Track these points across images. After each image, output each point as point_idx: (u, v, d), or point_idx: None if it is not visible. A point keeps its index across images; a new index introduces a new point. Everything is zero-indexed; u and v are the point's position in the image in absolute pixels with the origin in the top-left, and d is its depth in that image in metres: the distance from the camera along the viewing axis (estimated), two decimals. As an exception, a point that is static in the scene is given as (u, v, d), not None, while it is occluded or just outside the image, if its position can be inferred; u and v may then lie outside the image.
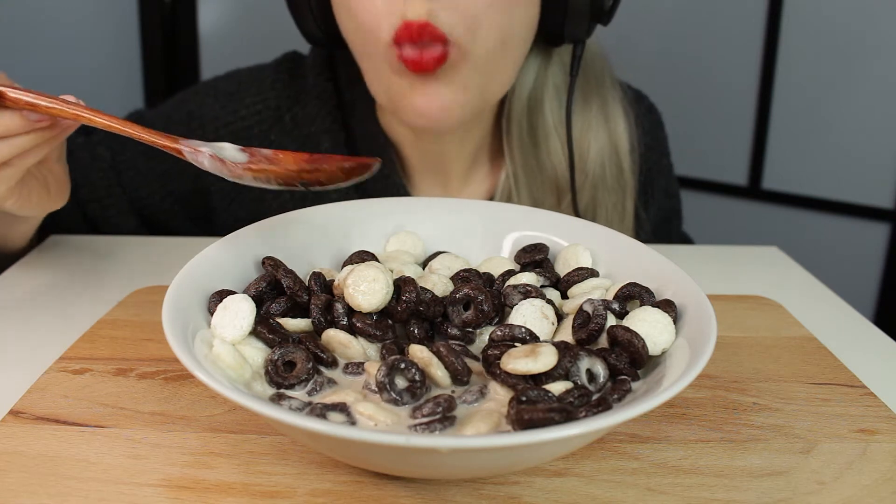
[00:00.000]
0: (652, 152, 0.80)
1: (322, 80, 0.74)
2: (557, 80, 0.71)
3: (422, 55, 0.57)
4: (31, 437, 0.39)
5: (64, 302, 0.57)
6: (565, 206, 0.72)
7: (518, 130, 0.71)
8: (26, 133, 0.46)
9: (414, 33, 0.57)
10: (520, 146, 0.72)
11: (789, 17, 1.68)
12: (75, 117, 0.45)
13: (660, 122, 0.83)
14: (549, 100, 0.71)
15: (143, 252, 0.69)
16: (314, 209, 0.51)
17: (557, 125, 0.71)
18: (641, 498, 0.36)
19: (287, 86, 0.75)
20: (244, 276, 0.45)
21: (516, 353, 0.37)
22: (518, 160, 0.72)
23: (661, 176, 0.82)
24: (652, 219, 0.81)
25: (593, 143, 0.71)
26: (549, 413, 0.32)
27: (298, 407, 0.36)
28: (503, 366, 0.37)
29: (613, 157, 0.72)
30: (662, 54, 1.73)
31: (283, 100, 0.74)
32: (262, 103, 0.74)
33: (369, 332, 0.41)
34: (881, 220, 1.70)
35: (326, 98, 0.73)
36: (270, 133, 0.74)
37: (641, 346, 0.38)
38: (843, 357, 0.50)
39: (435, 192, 0.76)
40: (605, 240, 0.49)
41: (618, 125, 0.72)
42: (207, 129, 0.74)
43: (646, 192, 0.80)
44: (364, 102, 0.73)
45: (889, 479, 0.38)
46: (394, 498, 0.36)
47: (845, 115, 1.68)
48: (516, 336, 0.40)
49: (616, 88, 0.73)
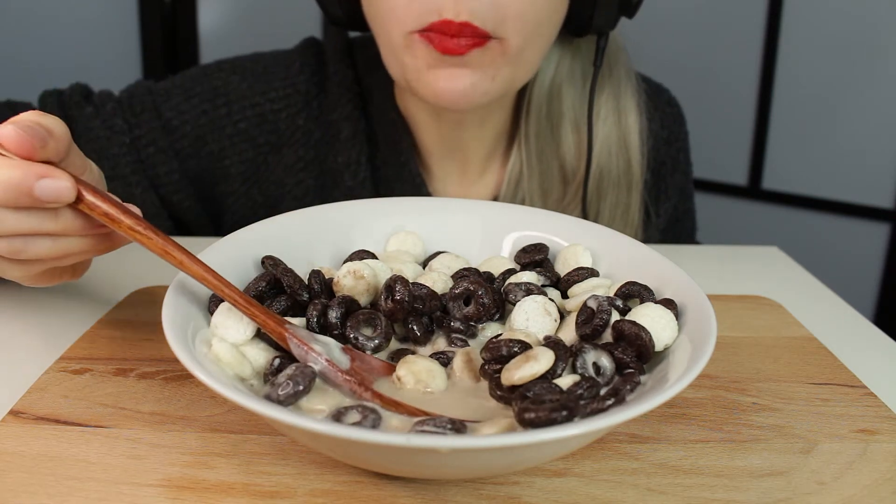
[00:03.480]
0: (669, 147, 0.79)
1: (343, 66, 0.74)
2: (576, 68, 0.71)
3: (455, 41, 0.58)
4: (31, 437, 0.39)
5: (64, 302, 0.57)
6: (571, 195, 0.72)
7: (537, 116, 0.71)
8: (80, 236, 0.41)
9: (453, 29, 0.57)
10: (536, 132, 0.72)
11: (789, 17, 1.68)
12: (163, 253, 0.39)
13: (680, 115, 0.81)
14: (566, 88, 0.71)
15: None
16: (314, 209, 0.51)
17: (572, 113, 0.71)
18: (641, 498, 0.36)
19: (315, 72, 0.75)
20: (244, 276, 0.45)
21: (513, 365, 0.37)
22: (533, 147, 0.72)
23: (678, 172, 0.80)
24: (664, 217, 0.80)
25: (601, 133, 0.71)
26: (553, 413, 0.32)
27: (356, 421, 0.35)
28: (507, 381, 0.37)
29: (622, 150, 0.72)
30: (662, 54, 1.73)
31: (312, 85, 0.74)
32: (291, 87, 0.74)
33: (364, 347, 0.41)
34: (881, 220, 1.70)
35: (348, 85, 0.73)
36: (298, 117, 0.74)
37: (648, 339, 0.38)
38: (843, 357, 0.50)
39: (452, 179, 0.75)
40: (605, 240, 0.49)
41: (629, 117, 0.72)
42: (233, 107, 0.73)
43: (658, 187, 0.79)
44: (382, 89, 0.73)
45: (889, 479, 0.38)
46: (394, 498, 0.36)
47: (845, 115, 1.68)
48: (505, 354, 0.39)
49: (631, 80, 0.73)
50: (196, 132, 0.73)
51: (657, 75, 0.82)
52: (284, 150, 0.74)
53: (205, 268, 0.39)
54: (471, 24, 0.57)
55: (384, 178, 0.73)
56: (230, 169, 0.74)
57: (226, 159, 0.74)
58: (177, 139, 0.73)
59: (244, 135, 0.73)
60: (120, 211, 0.39)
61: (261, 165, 0.74)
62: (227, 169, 0.74)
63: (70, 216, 0.40)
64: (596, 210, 0.72)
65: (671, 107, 0.81)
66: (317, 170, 0.74)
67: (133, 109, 0.72)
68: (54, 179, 0.37)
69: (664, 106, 0.79)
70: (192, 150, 0.73)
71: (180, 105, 0.73)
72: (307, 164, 0.73)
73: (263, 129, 0.73)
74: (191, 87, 0.74)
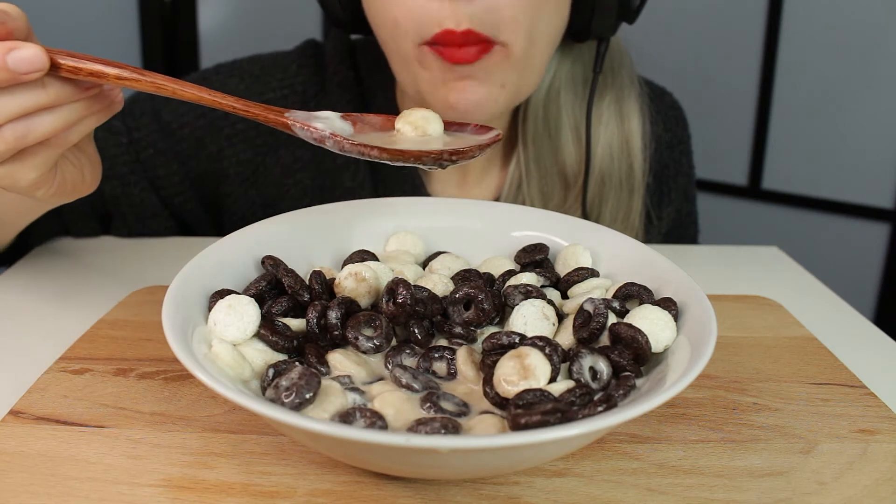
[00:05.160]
0: (672, 150, 0.79)
1: (343, 68, 0.74)
2: (576, 73, 0.72)
3: (463, 50, 0.58)
4: (31, 437, 0.39)
5: (64, 302, 0.57)
6: (572, 200, 0.72)
7: (534, 121, 0.72)
8: (74, 101, 0.41)
9: (458, 39, 0.57)
10: (534, 137, 0.72)
11: (789, 17, 1.68)
12: (155, 88, 0.40)
13: (683, 119, 0.82)
14: (565, 93, 0.71)
15: (143, 252, 0.69)
16: (314, 209, 0.51)
17: (571, 118, 0.72)
18: (641, 498, 0.36)
19: (313, 72, 0.75)
20: (244, 276, 0.45)
21: (509, 375, 0.37)
22: (531, 151, 0.72)
23: (681, 176, 0.81)
24: (666, 220, 0.80)
25: (602, 137, 0.71)
26: (546, 416, 0.32)
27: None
28: (504, 393, 0.37)
29: (624, 154, 0.72)
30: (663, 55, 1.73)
31: (309, 85, 0.75)
32: (288, 87, 0.74)
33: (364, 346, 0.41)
34: (881, 220, 1.69)
35: (347, 86, 0.74)
36: None
37: (645, 342, 0.38)
38: (843, 357, 0.50)
39: (452, 182, 0.76)
40: (605, 240, 0.49)
41: (631, 121, 0.72)
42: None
43: (661, 190, 0.79)
44: (384, 91, 0.73)
45: (889, 479, 0.38)
46: (394, 498, 0.36)
47: (845, 115, 1.68)
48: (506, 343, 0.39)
49: (634, 85, 0.73)
50: (195, 134, 0.73)
51: (657, 76, 0.82)
52: (282, 151, 0.74)
53: (198, 88, 0.41)
54: (473, 31, 0.57)
55: (383, 180, 0.73)
56: (229, 170, 0.74)
57: (224, 160, 0.74)
58: (176, 141, 0.73)
59: (242, 136, 0.73)
60: (103, 64, 0.40)
61: (259, 166, 0.74)
62: (226, 170, 0.74)
63: (58, 84, 0.40)
64: (597, 214, 0.72)
65: (674, 110, 0.81)
66: (315, 170, 0.74)
67: (132, 113, 0.72)
68: (22, 49, 0.38)
69: (667, 109, 0.80)
70: (191, 153, 0.73)
71: (179, 108, 0.73)
72: (305, 164, 0.73)
73: (261, 129, 0.73)
74: None
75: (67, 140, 0.43)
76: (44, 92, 0.40)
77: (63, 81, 0.40)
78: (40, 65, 0.38)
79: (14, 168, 0.42)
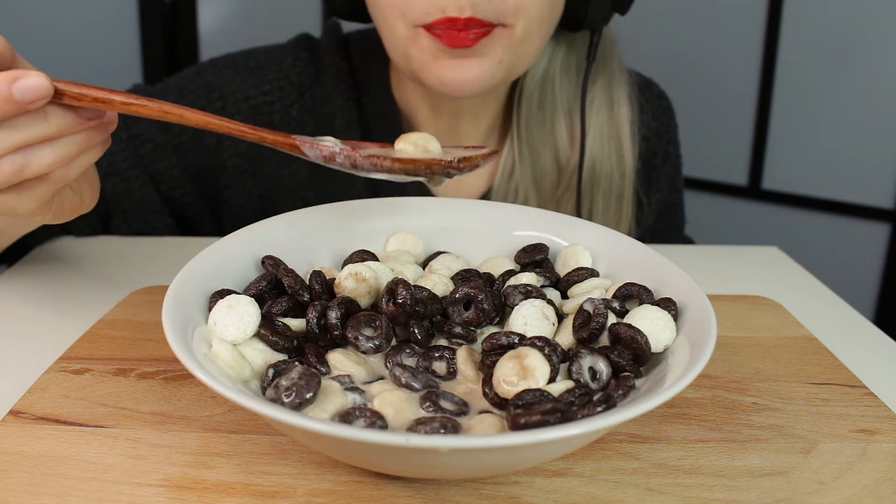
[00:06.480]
0: (659, 138, 0.81)
1: (338, 59, 0.75)
2: (570, 62, 0.73)
3: (463, 34, 0.59)
4: (31, 437, 0.39)
5: (64, 302, 0.57)
6: (565, 184, 0.73)
7: (528, 105, 0.73)
8: (75, 133, 0.40)
9: (460, 25, 0.58)
10: (527, 122, 0.73)
11: (789, 17, 1.68)
12: (162, 114, 0.40)
13: (670, 109, 0.83)
14: (559, 78, 0.73)
15: (143, 252, 0.69)
16: (314, 209, 0.51)
17: (565, 104, 0.73)
18: (641, 498, 0.36)
19: (308, 64, 0.76)
20: (244, 276, 0.45)
21: (508, 375, 0.37)
22: (524, 136, 0.73)
23: (668, 164, 0.82)
24: (654, 206, 0.82)
25: (594, 123, 0.72)
26: (545, 416, 0.32)
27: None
28: (503, 394, 0.37)
29: (614, 140, 0.73)
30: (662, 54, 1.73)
31: (305, 77, 0.75)
32: (284, 80, 0.75)
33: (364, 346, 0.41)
34: (881, 220, 1.69)
35: (342, 77, 0.74)
36: (292, 109, 0.75)
37: (644, 342, 0.38)
38: (843, 357, 0.50)
39: None
40: (604, 240, 0.49)
41: (621, 108, 0.73)
42: (228, 101, 0.74)
43: (650, 177, 0.80)
44: (378, 82, 0.74)
45: (889, 479, 0.38)
46: (394, 498, 0.36)
47: (845, 115, 1.68)
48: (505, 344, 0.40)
49: (623, 73, 0.75)
50: (193, 127, 0.73)
51: (658, 76, 0.83)
52: None
53: (205, 114, 0.41)
54: (475, 18, 0.58)
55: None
56: (227, 162, 0.75)
57: (223, 153, 0.74)
58: (175, 135, 0.73)
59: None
60: (107, 91, 0.39)
61: (255, 158, 0.75)
62: (224, 162, 0.75)
63: (60, 113, 0.39)
64: (590, 199, 0.73)
65: (661, 99, 0.82)
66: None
67: None
68: (27, 77, 0.37)
69: (655, 98, 0.81)
70: (190, 146, 0.74)
71: (176, 102, 0.73)
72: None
73: (258, 121, 0.74)
74: (185, 85, 0.75)
75: (67, 175, 0.42)
76: (45, 122, 0.39)
77: (65, 110, 0.39)
78: (45, 92, 0.38)
79: (11, 198, 0.41)
